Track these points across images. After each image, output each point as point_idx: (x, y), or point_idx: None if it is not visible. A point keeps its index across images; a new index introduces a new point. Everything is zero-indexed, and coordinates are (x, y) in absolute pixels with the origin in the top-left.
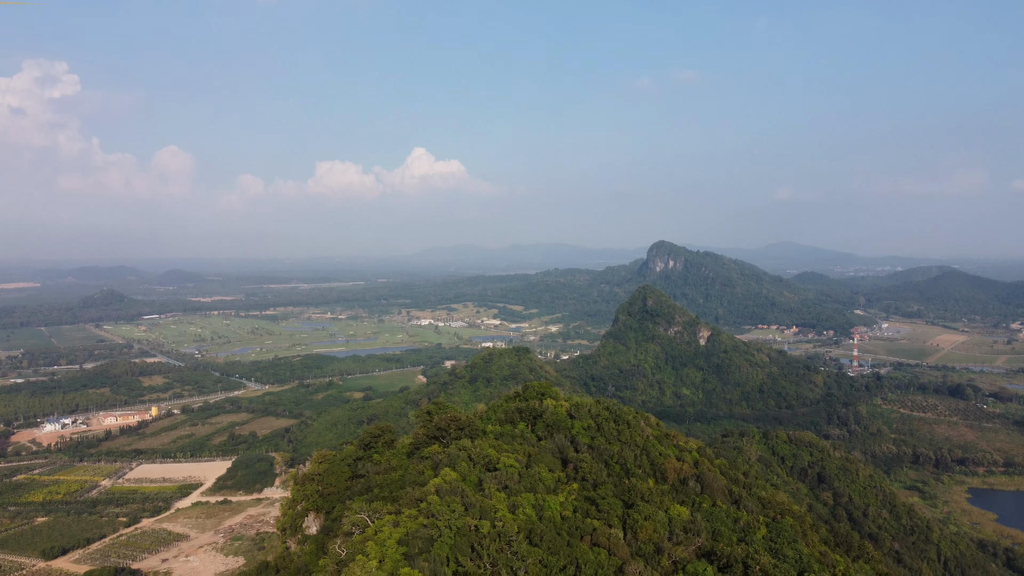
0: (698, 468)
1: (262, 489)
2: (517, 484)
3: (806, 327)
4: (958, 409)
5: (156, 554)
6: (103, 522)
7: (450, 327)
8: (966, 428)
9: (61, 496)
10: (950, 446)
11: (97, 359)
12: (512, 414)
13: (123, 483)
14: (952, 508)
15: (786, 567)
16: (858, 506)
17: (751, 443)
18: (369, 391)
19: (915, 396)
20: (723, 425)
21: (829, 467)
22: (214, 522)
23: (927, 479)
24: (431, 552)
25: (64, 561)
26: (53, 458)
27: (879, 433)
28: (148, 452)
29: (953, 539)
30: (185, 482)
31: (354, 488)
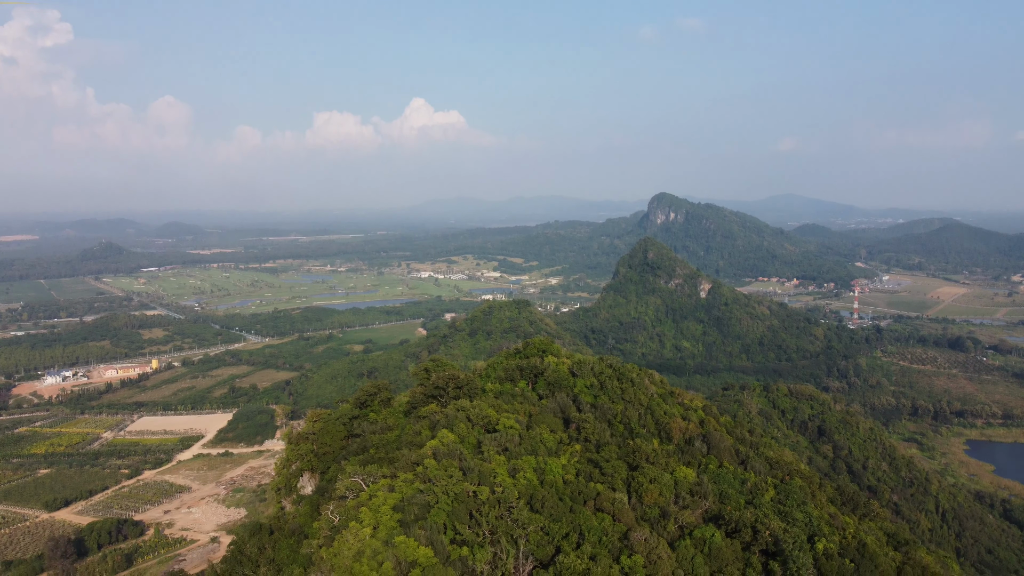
0: (704, 427)
1: (263, 441)
2: (517, 446)
3: (807, 279)
4: (958, 362)
5: (158, 505)
6: (105, 474)
7: (450, 280)
8: (965, 380)
9: (63, 448)
10: (949, 398)
11: (97, 312)
12: (512, 372)
13: (125, 435)
14: (950, 460)
15: (796, 531)
16: (858, 459)
17: (752, 396)
18: (369, 344)
19: (915, 349)
20: (723, 378)
21: (829, 420)
22: (216, 474)
23: (926, 431)
24: (427, 519)
25: (67, 512)
26: (54, 411)
27: (878, 386)
28: (149, 405)
29: (951, 491)
30: (186, 434)
31: (349, 448)
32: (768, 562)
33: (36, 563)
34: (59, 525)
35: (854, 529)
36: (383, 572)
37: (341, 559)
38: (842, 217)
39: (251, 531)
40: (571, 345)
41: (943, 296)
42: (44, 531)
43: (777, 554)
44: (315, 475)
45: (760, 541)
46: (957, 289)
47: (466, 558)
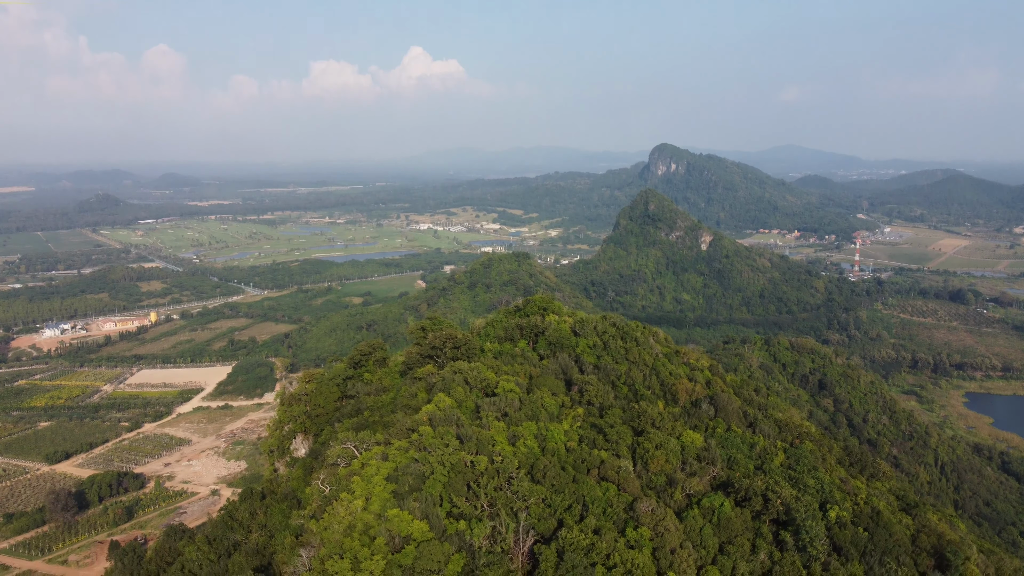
0: (711, 388)
1: (263, 394)
2: (517, 411)
3: (808, 231)
4: (958, 314)
5: (159, 458)
6: (105, 427)
7: (449, 232)
8: (965, 333)
9: (63, 401)
10: (949, 351)
11: (95, 264)
12: (512, 331)
13: (124, 388)
14: (949, 412)
15: (808, 499)
16: (858, 412)
17: (753, 350)
18: (368, 296)
19: (915, 301)
20: (723, 331)
21: (831, 374)
22: (215, 427)
23: (925, 384)
24: (422, 491)
25: (68, 465)
26: (53, 363)
27: (879, 338)
28: (148, 357)
29: (950, 444)
30: (186, 387)
31: (343, 410)
32: (779, 532)
33: (38, 516)
34: (60, 478)
35: (865, 495)
36: (375, 548)
37: (331, 533)
38: (844, 168)
39: (242, 496)
40: (571, 298)
41: (944, 248)
42: (45, 484)
43: (789, 523)
44: (308, 437)
45: (771, 510)
46: (959, 241)
47: (463, 532)
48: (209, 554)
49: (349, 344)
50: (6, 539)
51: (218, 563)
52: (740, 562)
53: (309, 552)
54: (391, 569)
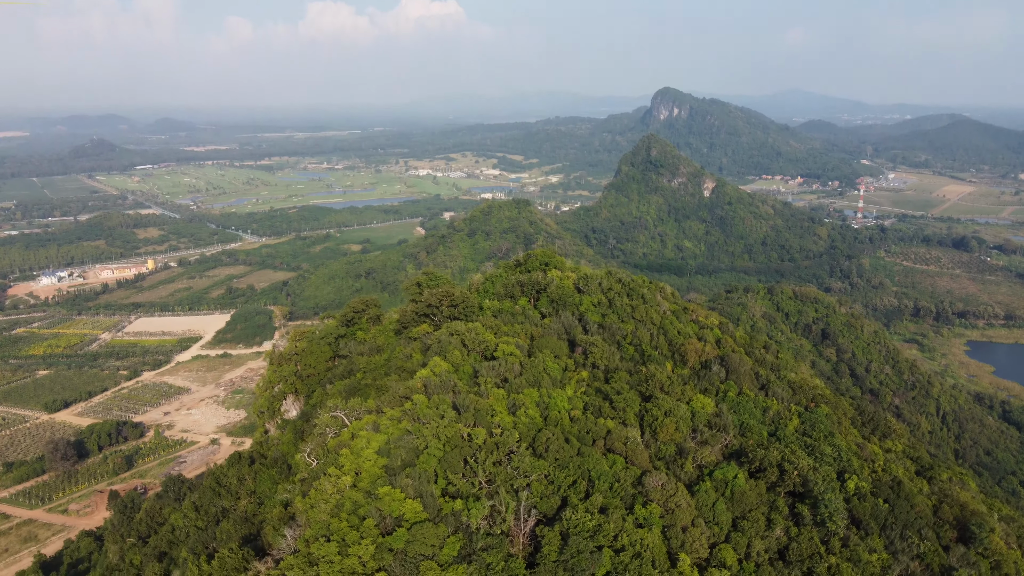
0: (721, 348)
1: (262, 342)
2: (518, 377)
3: (811, 178)
4: (961, 261)
5: (158, 407)
6: (104, 375)
7: (448, 177)
8: (968, 281)
9: (61, 349)
10: (951, 299)
11: (91, 211)
12: (512, 288)
13: (123, 336)
14: (950, 361)
15: (825, 469)
16: (861, 362)
17: (755, 299)
18: (367, 243)
19: (919, 248)
20: (725, 279)
21: (834, 323)
22: (215, 375)
23: (927, 332)
24: (415, 467)
25: (67, 414)
26: (51, 311)
27: (881, 286)
28: (146, 305)
29: (952, 393)
30: (184, 335)
31: (335, 370)
32: (795, 505)
33: (37, 465)
34: (59, 427)
35: (883, 461)
36: (364, 530)
37: (317, 512)
38: (849, 113)
39: (230, 461)
40: (571, 246)
41: (949, 194)
42: (44, 432)
43: (806, 496)
44: (299, 398)
45: (787, 482)
46: (963, 187)
47: (459, 513)
48: (196, 521)
49: (348, 292)
50: (6, 488)
51: (206, 531)
52: (755, 539)
53: (295, 532)
54: (381, 553)
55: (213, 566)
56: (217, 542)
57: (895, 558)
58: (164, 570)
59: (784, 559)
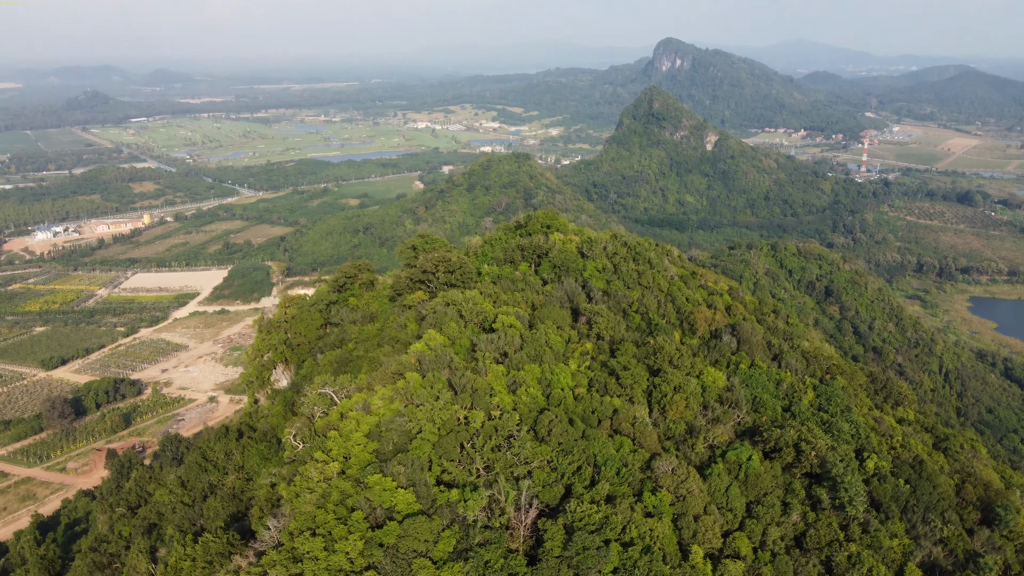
0: (731, 315)
1: (259, 299)
2: (518, 351)
3: (814, 131)
4: (965, 216)
5: (155, 364)
6: (101, 332)
7: (447, 130)
8: (972, 236)
9: (58, 306)
10: (955, 254)
11: (86, 164)
12: (512, 252)
13: (119, 293)
14: (952, 317)
15: (844, 448)
16: (864, 320)
17: (758, 256)
18: (365, 198)
19: (922, 203)
20: (727, 234)
21: (837, 280)
22: (212, 332)
23: (929, 288)
24: (408, 453)
25: (64, 371)
26: (47, 267)
27: (884, 241)
28: (143, 261)
29: (955, 351)
30: (182, 291)
31: (326, 339)
32: (812, 487)
33: (35, 422)
34: (56, 384)
35: (901, 436)
36: (352, 523)
37: (303, 503)
38: (854, 64)
39: (217, 435)
40: (572, 200)
41: (954, 148)
42: (42, 390)
43: (823, 477)
44: (290, 367)
45: (804, 463)
46: (969, 140)
47: (455, 504)
48: (183, 497)
49: (346, 248)
50: (4, 446)
51: (193, 507)
52: (771, 527)
53: (278, 522)
54: (371, 549)
55: (197, 550)
56: (204, 519)
57: (917, 543)
58: (152, 545)
59: (801, 546)
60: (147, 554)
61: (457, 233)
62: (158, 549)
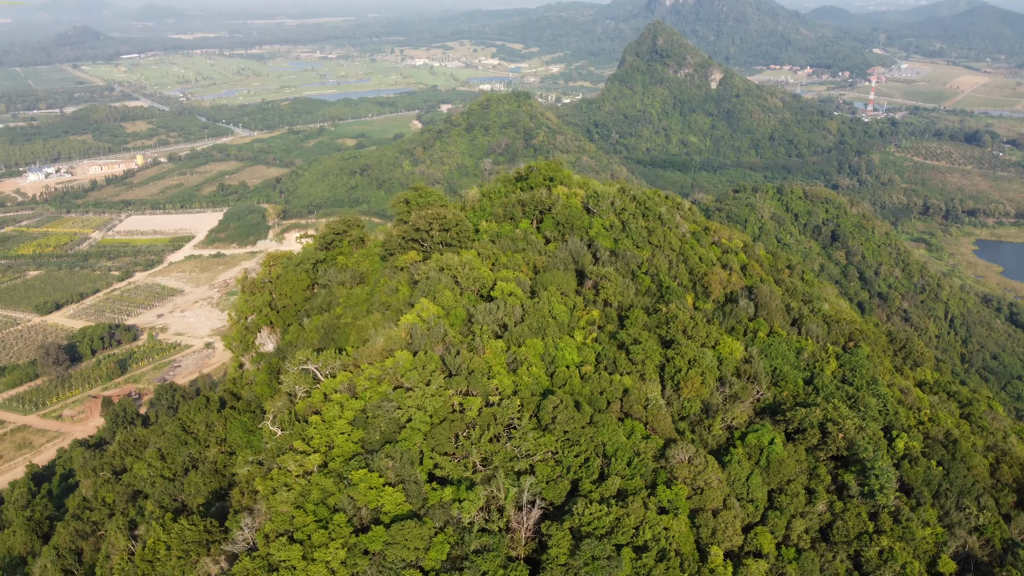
0: (747, 276)
1: (255, 242)
2: (519, 324)
3: (821, 68)
4: (973, 157)
5: (151, 309)
6: (96, 276)
7: (446, 67)
8: (980, 177)
9: (51, 249)
10: (961, 196)
11: (77, 103)
12: (513, 208)
13: (113, 236)
14: (958, 261)
15: (872, 428)
16: (870, 265)
17: (764, 199)
18: (362, 138)
19: (930, 143)
20: (731, 175)
21: (844, 225)
22: (208, 276)
23: (935, 231)
24: (397, 444)
25: (59, 316)
26: (40, 209)
27: (890, 183)
28: (137, 203)
29: (961, 296)
30: (177, 234)
31: (313, 302)
32: (838, 471)
33: (30, 369)
34: (51, 329)
35: (929, 409)
36: (334, 528)
37: (279, 501)
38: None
39: (197, 405)
40: (573, 141)
41: (963, 86)
42: (36, 335)
43: (850, 460)
44: (275, 330)
45: (830, 446)
46: (978, 78)
47: (449, 504)
48: (163, 470)
49: (342, 190)
50: (0, 393)
51: (173, 482)
52: (796, 519)
53: (253, 521)
54: (354, 558)
55: (172, 538)
56: (185, 495)
57: (951, 532)
58: (132, 519)
59: (827, 540)
60: (126, 531)
61: (456, 175)
62: (138, 525)
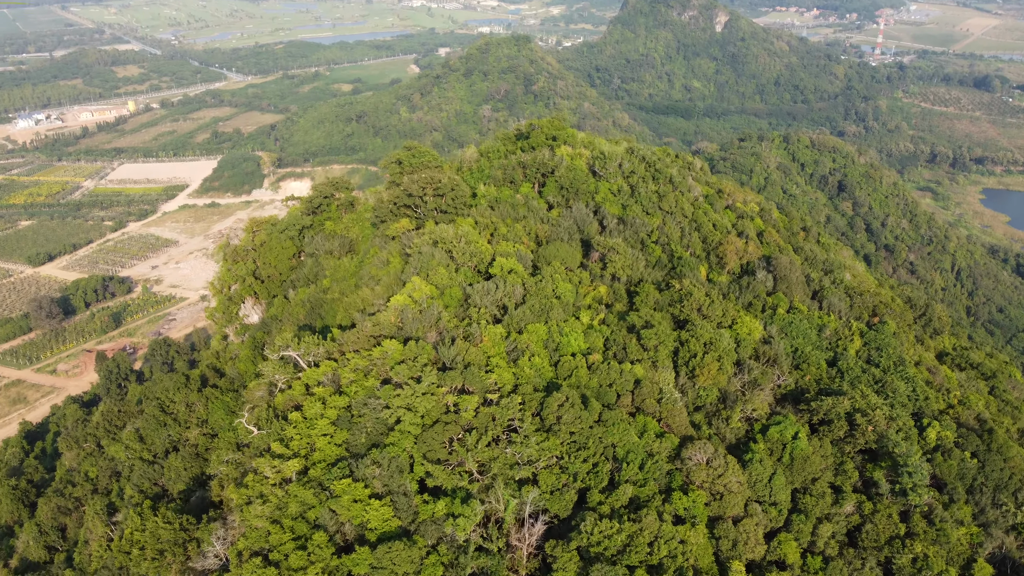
0: (764, 244)
1: (251, 191)
2: (520, 307)
3: (828, 9)
4: (982, 103)
5: (145, 260)
6: (89, 226)
7: (444, 8)
8: (988, 124)
9: (43, 198)
10: (969, 143)
11: (67, 46)
12: (513, 170)
13: (106, 184)
14: (964, 210)
15: (903, 418)
16: (877, 216)
17: (770, 148)
18: (358, 83)
19: (938, 88)
20: (735, 121)
21: (851, 175)
22: (203, 226)
23: (942, 179)
24: (384, 449)
25: (52, 267)
26: (30, 157)
27: (897, 130)
28: (129, 151)
29: (968, 248)
30: (170, 183)
31: (299, 272)
32: (867, 466)
33: (23, 322)
34: (44, 281)
35: (958, 390)
36: (313, 548)
37: (254, 515)
38: None
39: (176, 385)
40: (574, 87)
41: (973, 28)
42: (29, 288)
43: (879, 453)
44: (260, 301)
45: (859, 438)
46: (989, 20)
47: (442, 521)
48: (142, 452)
49: (338, 137)
50: None
51: (153, 465)
52: (822, 524)
53: (225, 533)
54: None
55: (147, 536)
56: (166, 479)
57: (987, 532)
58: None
59: (856, 544)
60: (104, 515)
61: (454, 122)
62: (118, 509)
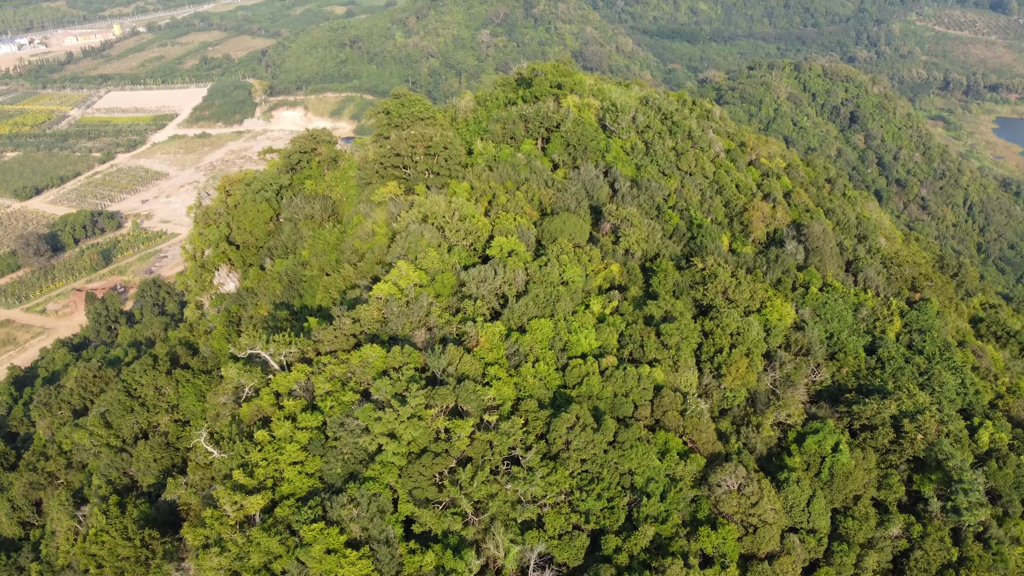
0: (792, 207)
1: (242, 120)
2: (523, 296)
3: None
4: (998, 26)
5: (135, 194)
6: (76, 158)
7: None
8: (1004, 49)
9: (28, 128)
10: (984, 70)
11: None
12: (514, 125)
13: (93, 113)
14: (976, 140)
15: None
16: (890, 149)
17: (780, 77)
18: (352, 5)
19: (953, 10)
20: (742, 46)
21: (864, 105)
22: (193, 158)
23: (954, 107)
24: (363, 483)
25: (39, 201)
26: (14, 84)
27: (910, 55)
28: (116, 78)
29: (982, 182)
30: (159, 112)
31: (277, 239)
32: (913, 477)
33: (11, 260)
34: (32, 216)
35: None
36: None
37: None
38: None
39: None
40: (576, 10)
41: None
42: (16, 223)
43: (927, 463)
44: (235, 269)
45: (906, 447)
46: None
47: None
48: (108, 438)
49: (332, 64)
50: None
51: (121, 453)
52: (867, 554)
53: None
54: None
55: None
56: (135, 470)
57: None
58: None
59: (901, 571)
60: (71, 507)
61: (452, 48)
62: (86, 500)
